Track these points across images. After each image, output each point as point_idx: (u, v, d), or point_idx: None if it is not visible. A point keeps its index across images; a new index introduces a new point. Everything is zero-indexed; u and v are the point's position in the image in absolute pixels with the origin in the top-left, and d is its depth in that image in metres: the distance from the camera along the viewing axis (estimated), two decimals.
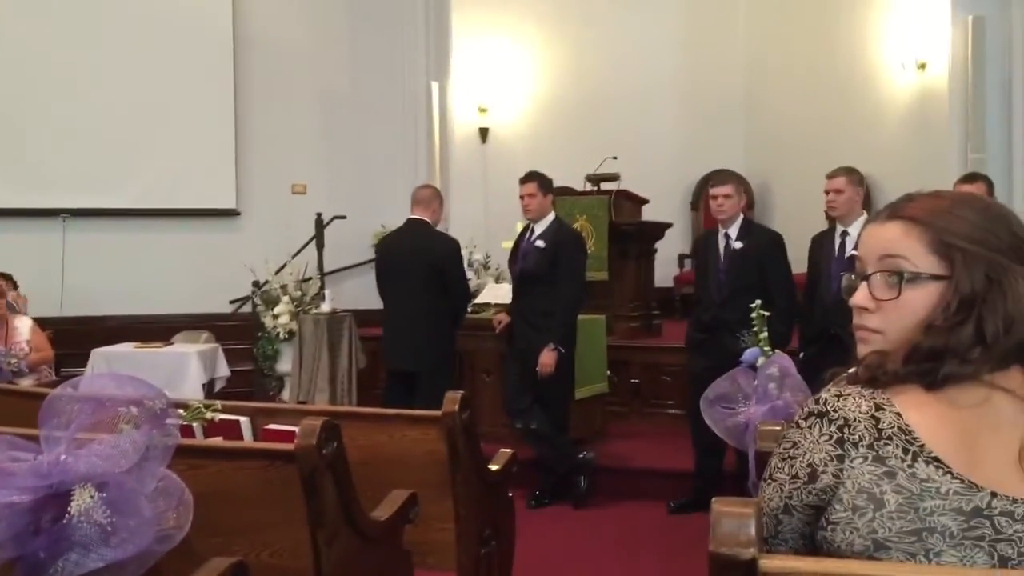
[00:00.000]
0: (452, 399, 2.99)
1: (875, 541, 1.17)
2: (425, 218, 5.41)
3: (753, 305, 3.30)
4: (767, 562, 1.11)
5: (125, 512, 1.53)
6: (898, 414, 1.21)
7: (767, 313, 3.30)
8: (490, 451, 3.42)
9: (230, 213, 8.54)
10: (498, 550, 3.27)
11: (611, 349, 6.39)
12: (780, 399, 2.99)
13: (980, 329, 1.21)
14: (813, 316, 4.70)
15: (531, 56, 9.45)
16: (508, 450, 3.49)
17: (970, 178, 4.70)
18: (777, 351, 3.20)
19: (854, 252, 4.44)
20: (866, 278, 1.31)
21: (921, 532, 1.15)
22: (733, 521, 1.11)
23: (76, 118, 8.02)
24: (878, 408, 1.21)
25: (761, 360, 3.14)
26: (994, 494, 1.16)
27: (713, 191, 4.99)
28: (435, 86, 8.82)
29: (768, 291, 4.52)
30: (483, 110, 9.31)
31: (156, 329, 7.30)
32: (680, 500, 5.17)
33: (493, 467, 3.30)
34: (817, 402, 1.25)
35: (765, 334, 3.26)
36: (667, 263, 8.66)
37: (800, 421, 1.27)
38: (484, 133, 9.33)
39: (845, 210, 4.64)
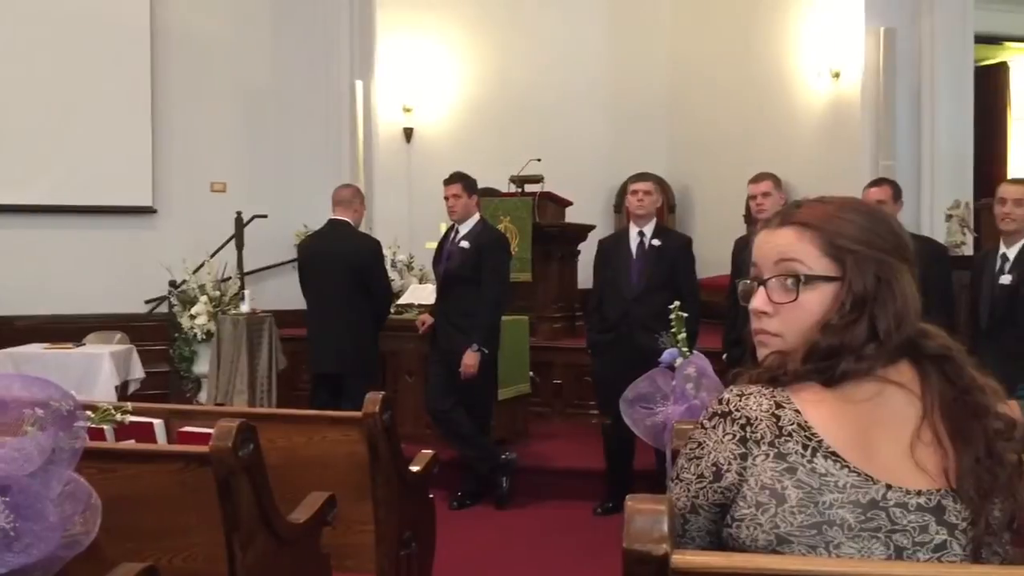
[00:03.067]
0: (373, 400, 2.98)
1: (778, 536, 1.20)
2: (346, 218, 5.38)
3: (672, 306, 3.35)
4: (679, 558, 1.12)
5: (29, 517, 1.48)
6: (797, 411, 1.24)
7: (684, 315, 3.35)
8: (412, 452, 3.41)
9: (146, 211, 8.33)
10: (418, 552, 3.26)
11: (534, 350, 6.42)
12: (697, 399, 3.04)
13: (873, 326, 1.26)
14: (737, 318, 4.79)
15: (457, 57, 9.43)
16: (429, 451, 3.49)
17: (877, 182, 4.86)
18: (695, 351, 3.26)
19: None
20: (763, 283, 1.35)
21: (821, 525, 1.19)
22: (646, 518, 1.13)
23: None
24: (778, 406, 1.25)
25: (679, 361, 3.19)
26: (889, 486, 1.20)
27: (634, 187, 5.09)
28: (359, 84, 8.74)
29: (679, 291, 4.66)
30: (408, 110, 9.25)
31: (67, 329, 7.08)
32: (605, 504, 5.21)
33: (414, 468, 3.29)
34: (720, 402, 1.28)
35: (683, 335, 3.31)
36: (590, 265, 8.62)
37: (704, 422, 1.29)
38: (409, 133, 9.27)
39: (772, 213, 4.74)
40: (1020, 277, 4.20)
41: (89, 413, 1.88)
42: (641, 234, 5.05)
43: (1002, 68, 9.74)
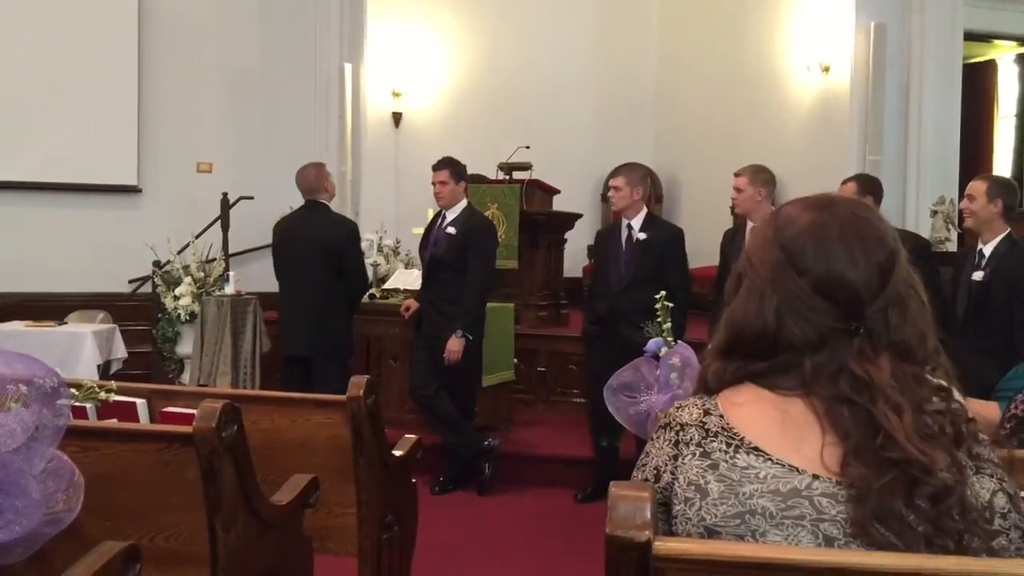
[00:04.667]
0: (357, 384, 2.98)
1: (706, 528, 1.24)
2: (321, 200, 5.35)
3: (658, 296, 3.36)
4: (661, 545, 1.14)
5: (12, 493, 1.47)
6: (721, 415, 1.30)
7: (670, 305, 3.35)
8: (395, 437, 3.41)
9: (131, 190, 8.27)
10: (400, 536, 3.27)
11: (519, 337, 6.43)
12: (681, 388, 3.05)
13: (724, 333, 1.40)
14: (721, 309, 4.80)
15: (447, 42, 9.41)
16: (413, 436, 3.49)
17: (848, 179, 4.91)
18: (680, 341, 3.26)
19: None
20: None
21: (743, 515, 1.22)
22: (629, 504, 1.14)
23: None
24: (706, 413, 1.31)
25: (664, 350, 3.20)
26: (816, 476, 1.22)
27: (610, 183, 5.13)
28: (348, 68, 8.69)
29: (667, 284, 4.63)
30: (397, 94, 9.23)
31: (49, 308, 7.04)
32: (586, 491, 5.24)
33: (397, 452, 3.29)
34: (664, 416, 1.36)
35: (669, 324, 3.32)
36: (576, 253, 8.75)
37: (653, 435, 1.37)
38: (397, 118, 9.25)
39: (746, 208, 4.78)
40: (993, 274, 4.22)
41: (73, 391, 1.87)
42: (629, 227, 5.06)
43: (990, 65, 9.79)
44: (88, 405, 2.53)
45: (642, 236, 5.00)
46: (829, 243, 1.29)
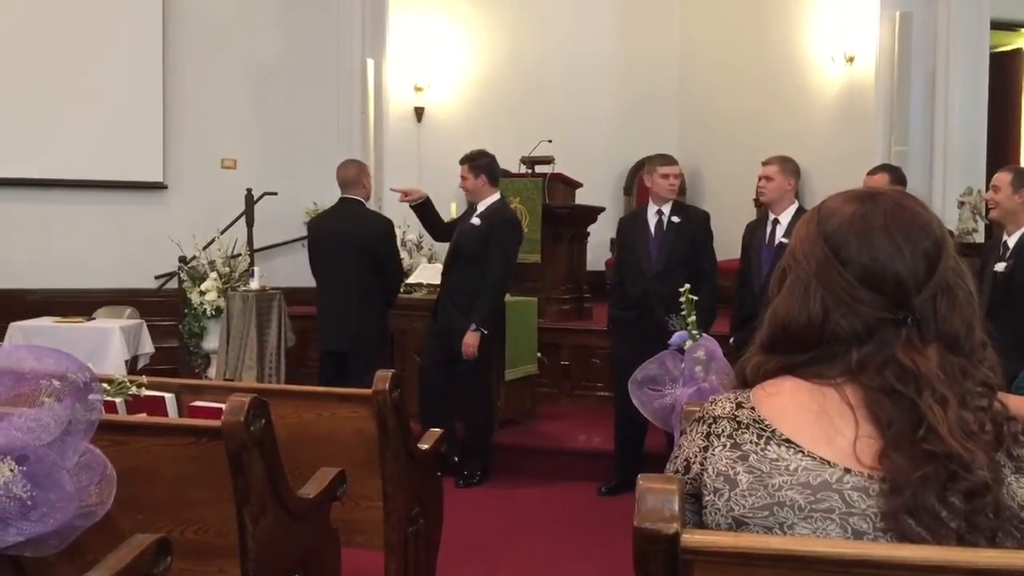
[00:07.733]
0: (383, 377, 3.00)
1: (734, 518, 1.23)
2: (357, 197, 5.37)
3: (682, 288, 3.36)
4: (689, 537, 1.14)
5: (46, 486, 1.50)
6: (753, 408, 1.29)
7: (695, 297, 3.36)
8: (420, 430, 3.43)
9: (156, 186, 8.34)
10: (426, 529, 3.28)
11: (542, 331, 6.43)
12: (706, 381, 3.05)
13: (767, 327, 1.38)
14: (744, 301, 4.80)
15: (468, 36, 9.40)
16: (438, 430, 3.51)
17: (875, 170, 4.87)
18: (704, 334, 3.26)
19: (784, 240, 4.57)
20: None
21: (772, 507, 1.21)
22: (658, 497, 1.14)
23: None
24: (738, 406, 1.30)
25: (688, 343, 3.20)
26: (848, 470, 1.20)
27: (665, 170, 5.08)
28: (371, 63, 8.71)
29: (698, 267, 4.69)
30: (419, 89, 9.24)
31: (77, 304, 7.11)
32: (609, 484, 5.24)
33: (423, 446, 3.30)
34: (699, 411, 1.36)
35: (693, 317, 3.32)
36: (599, 247, 8.73)
37: (687, 428, 1.37)
38: (420, 112, 9.27)
39: (774, 197, 4.76)
40: (1016, 265, 4.17)
41: (105, 386, 1.89)
42: (660, 212, 5.08)
43: (1017, 54, 9.65)
44: (118, 400, 2.55)
45: (676, 220, 5.03)
46: (873, 233, 1.28)
